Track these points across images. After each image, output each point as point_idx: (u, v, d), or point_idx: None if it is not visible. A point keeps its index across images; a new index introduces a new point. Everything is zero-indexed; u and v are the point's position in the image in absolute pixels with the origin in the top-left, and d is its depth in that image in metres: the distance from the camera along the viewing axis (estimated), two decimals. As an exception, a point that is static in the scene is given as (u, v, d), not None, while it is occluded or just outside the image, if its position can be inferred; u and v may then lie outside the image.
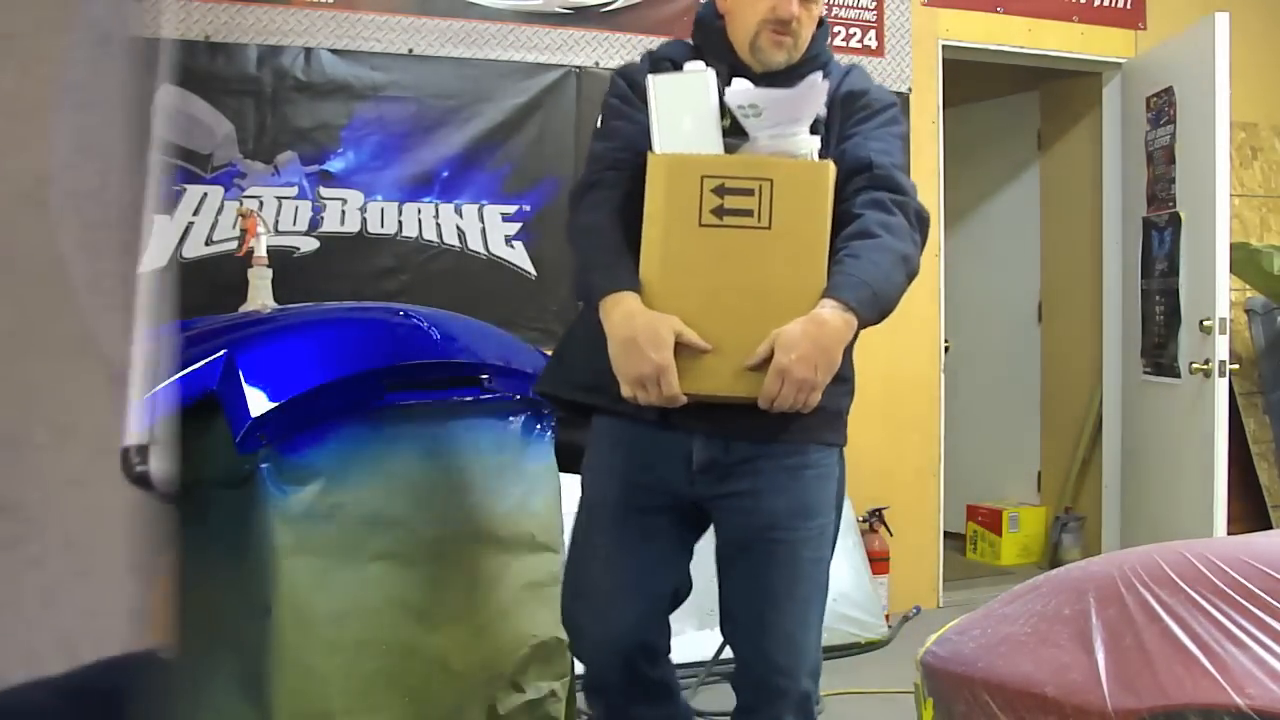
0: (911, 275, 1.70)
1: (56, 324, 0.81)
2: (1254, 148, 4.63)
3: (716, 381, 1.62)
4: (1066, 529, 4.81)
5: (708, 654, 3.09)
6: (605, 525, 1.81)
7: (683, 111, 1.72)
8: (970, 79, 4.77)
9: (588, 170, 1.83)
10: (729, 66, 1.80)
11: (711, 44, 1.87)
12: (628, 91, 1.84)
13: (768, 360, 1.59)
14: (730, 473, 1.74)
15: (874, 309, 1.63)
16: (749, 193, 1.62)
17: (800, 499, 1.75)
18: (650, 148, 1.71)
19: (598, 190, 1.77)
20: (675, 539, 1.82)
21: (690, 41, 1.93)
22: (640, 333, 1.60)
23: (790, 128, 1.69)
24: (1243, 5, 4.30)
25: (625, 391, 1.64)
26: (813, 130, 1.74)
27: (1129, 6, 4.52)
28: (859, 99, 1.83)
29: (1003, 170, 5.32)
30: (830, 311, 1.59)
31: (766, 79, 1.77)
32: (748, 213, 1.62)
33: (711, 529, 1.85)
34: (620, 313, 1.63)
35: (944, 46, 4.26)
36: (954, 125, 4.52)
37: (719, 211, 1.62)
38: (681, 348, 1.60)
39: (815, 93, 1.70)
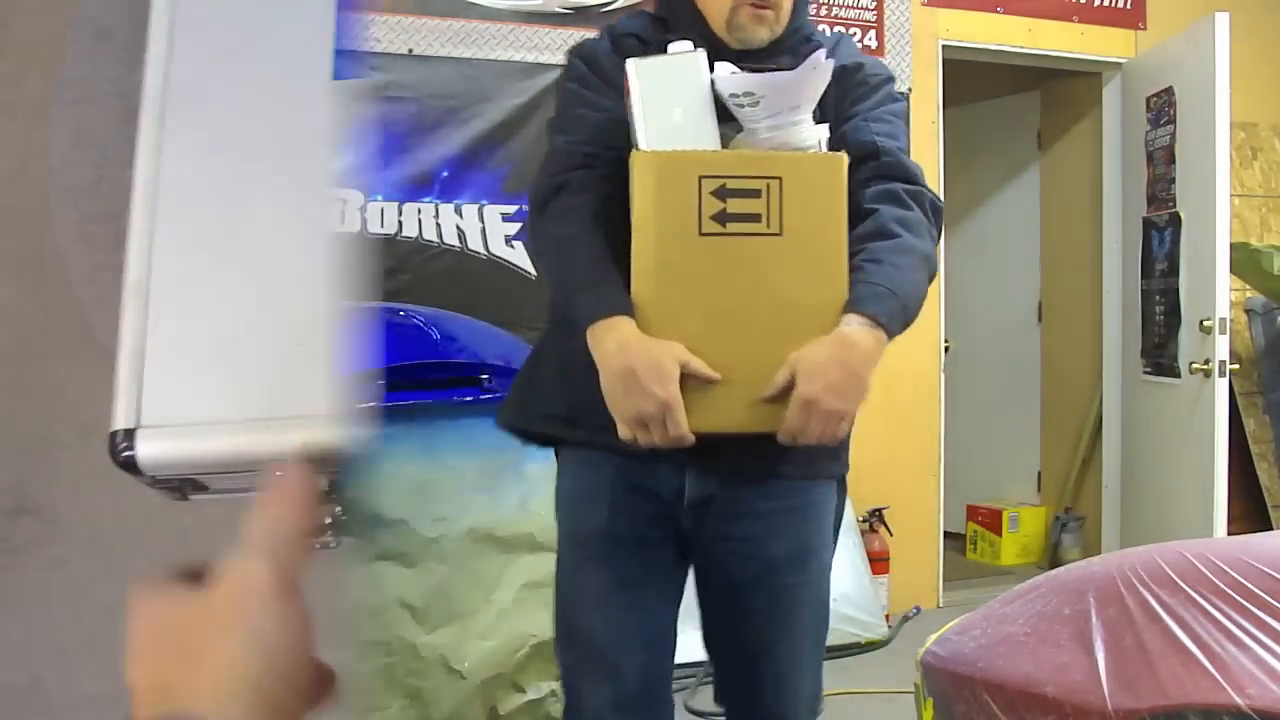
0: (932, 276, 1.51)
1: (76, 322, 0.82)
2: (1254, 148, 4.63)
3: (729, 417, 1.39)
4: (1066, 529, 4.82)
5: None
6: (598, 558, 1.56)
7: (671, 101, 1.47)
8: (970, 79, 4.76)
9: (549, 168, 1.56)
10: (703, 43, 1.55)
11: (680, 17, 1.61)
12: (587, 73, 1.59)
13: (787, 390, 1.36)
14: (726, 512, 1.54)
15: (902, 321, 1.44)
16: (755, 194, 1.39)
17: (804, 541, 1.57)
18: (631, 142, 1.46)
19: (567, 194, 1.51)
20: (673, 580, 1.60)
21: (652, 13, 1.66)
22: (640, 364, 1.35)
23: (792, 116, 1.46)
24: (1243, 5, 4.30)
25: (624, 433, 1.39)
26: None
27: (1129, 6, 4.52)
28: (854, 74, 1.60)
29: (1003, 170, 5.32)
30: (857, 329, 1.38)
31: (744, 57, 1.54)
32: (755, 217, 1.39)
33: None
34: (614, 341, 1.38)
35: (944, 46, 4.26)
36: (954, 125, 4.51)
37: (721, 217, 1.39)
38: (686, 379, 1.37)
39: (819, 74, 1.46)
